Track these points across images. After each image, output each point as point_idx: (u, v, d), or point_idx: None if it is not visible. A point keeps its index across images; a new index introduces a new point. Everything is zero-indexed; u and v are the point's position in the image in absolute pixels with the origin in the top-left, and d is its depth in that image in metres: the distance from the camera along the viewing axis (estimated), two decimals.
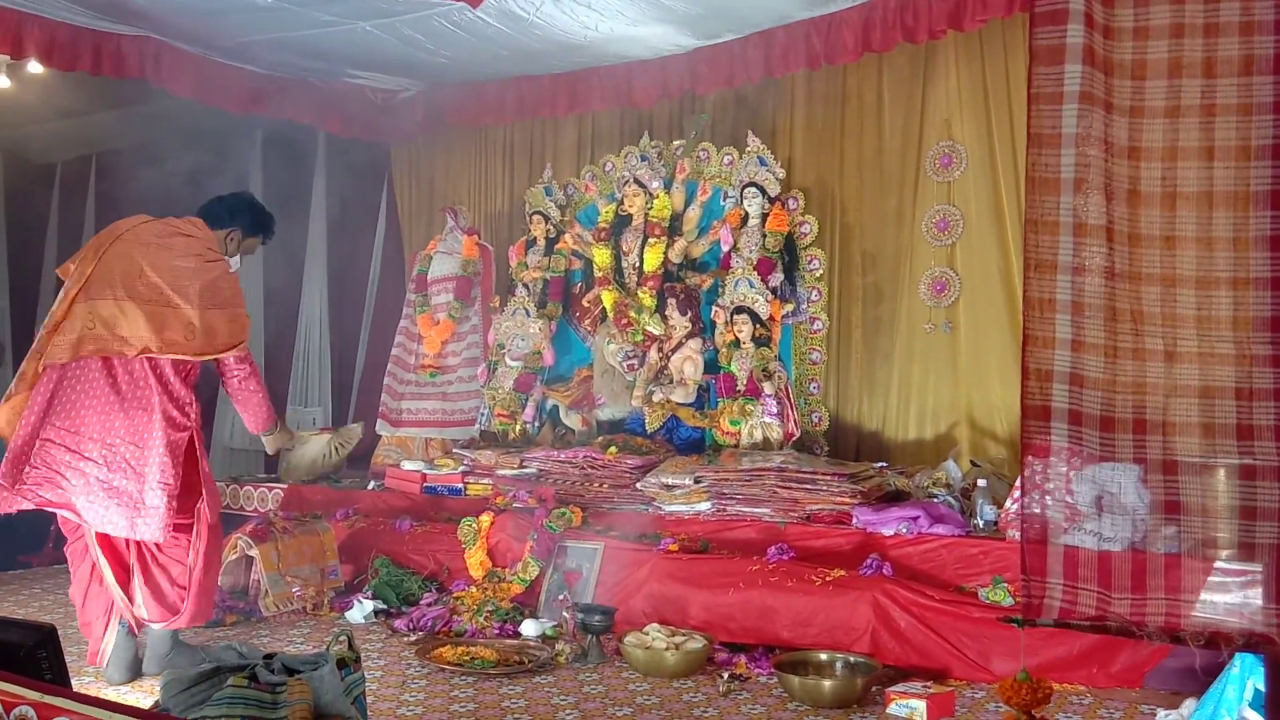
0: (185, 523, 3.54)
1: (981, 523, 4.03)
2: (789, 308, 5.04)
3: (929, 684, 3.34)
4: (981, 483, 4.19)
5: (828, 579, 3.84)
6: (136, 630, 3.57)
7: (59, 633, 2.38)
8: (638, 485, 4.67)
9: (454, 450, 5.61)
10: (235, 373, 3.65)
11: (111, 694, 3.39)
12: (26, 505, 3.48)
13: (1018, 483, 3.95)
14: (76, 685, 2.95)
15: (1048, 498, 2.05)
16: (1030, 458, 2.03)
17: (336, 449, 5.76)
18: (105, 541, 3.52)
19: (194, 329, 3.46)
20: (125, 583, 3.54)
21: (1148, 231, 2.04)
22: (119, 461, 3.42)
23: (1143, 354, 2.01)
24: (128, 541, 3.52)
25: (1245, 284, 1.98)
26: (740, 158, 5.27)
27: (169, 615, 3.54)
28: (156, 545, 3.52)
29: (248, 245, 3.84)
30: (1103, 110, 2.03)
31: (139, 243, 3.53)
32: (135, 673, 3.55)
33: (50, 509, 3.51)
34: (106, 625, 3.57)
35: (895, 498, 4.37)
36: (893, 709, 3.23)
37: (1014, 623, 1.98)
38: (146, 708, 2.42)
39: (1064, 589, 2.01)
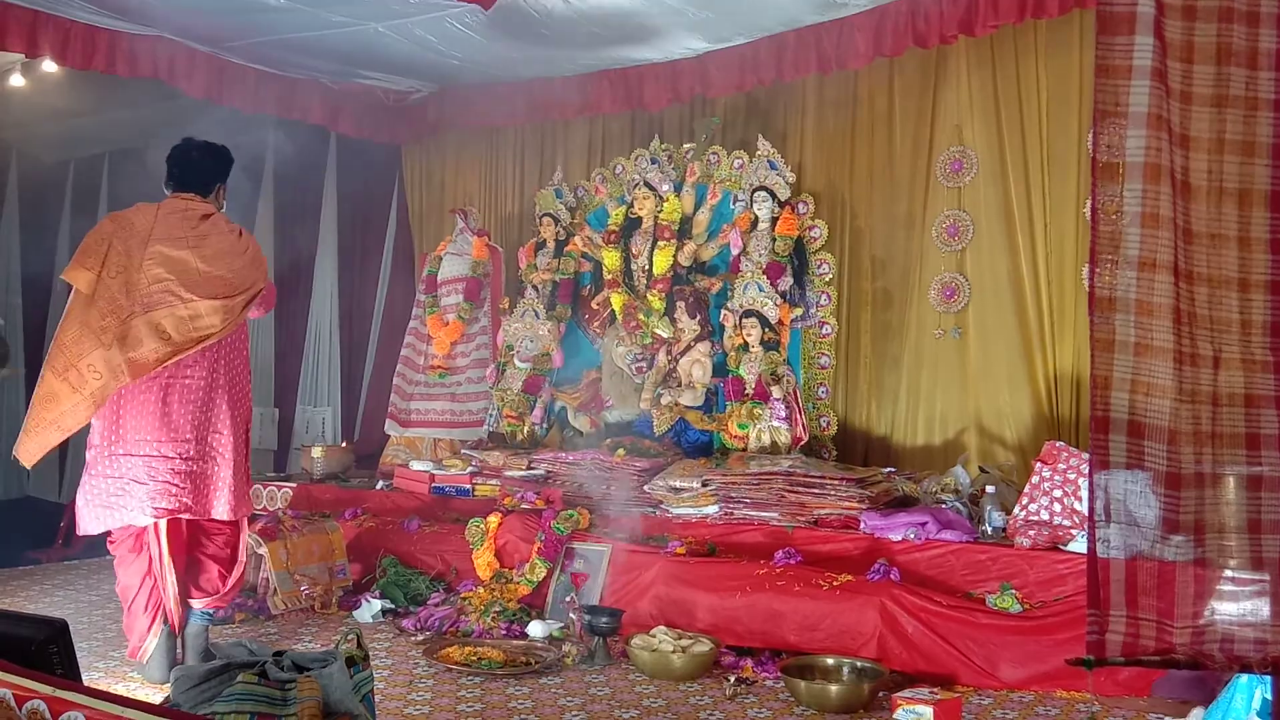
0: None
1: (990, 529, 4.02)
2: (798, 312, 5.04)
3: (936, 690, 3.33)
4: (990, 489, 4.17)
5: (835, 584, 3.84)
6: (178, 629, 3.62)
7: (70, 628, 2.40)
8: (645, 488, 4.68)
9: (462, 451, 5.62)
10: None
11: (122, 689, 3.41)
12: (128, 521, 3.54)
13: (1027, 489, 3.95)
14: (87, 680, 2.96)
15: (1109, 523, 1.92)
16: (1096, 476, 1.90)
17: None
18: (172, 532, 3.60)
19: (260, 298, 3.67)
20: (181, 572, 3.64)
21: (1197, 227, 1.90)
22: (202, 449, 3.55)
23: (1198, 359, 1.89)
24: (184, 528, 3.64)
25: None
26: (750, 161, 5.28)
27: (208, 594, 3.68)
28: (205, 532, 3.66)
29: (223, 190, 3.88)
30: (1165, 91, 1.89)
31: (173, 240, 3.56)
32: None
33: (168, 516, 3.57)
34: (151, 624, 3.59)
35: (903, 503, 4.36)
36: (899, 714, 3.22)
37: (1083, 664, 1.83)
38: (157, 703, 2.43)
39: (1126, 621, 1.88)
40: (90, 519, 3.55)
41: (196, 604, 3.67)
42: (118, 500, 3.52)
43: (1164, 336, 1.89)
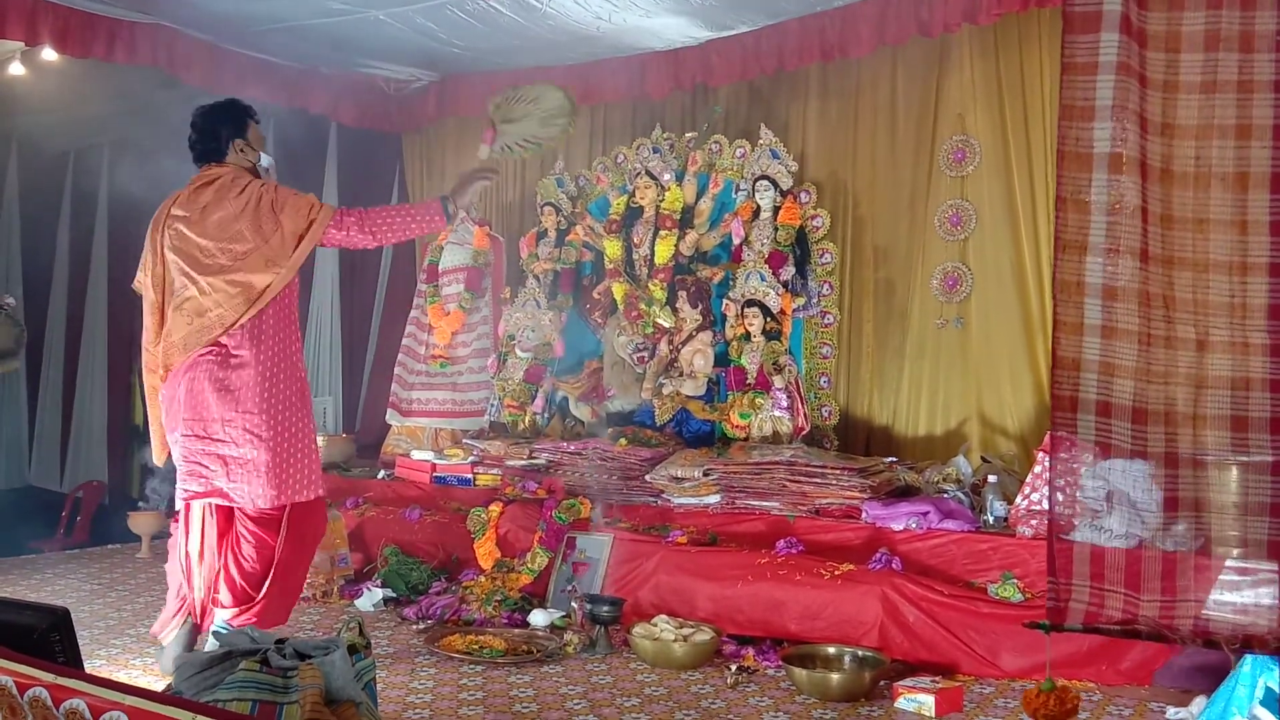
0: (274, 513, 3.43)
1: (991, 519, 4.02)
2: (800, 301, 5.03)
3: (937, 679, 3.34)
4: (992, 479, 4.17)
5: (836, 573, 3.84)
6: (201, 625, 3.48)
7: (72, 616, 2.40)
8: (647, 477, 4.67)
9: (463, 440, 5.62)
10: (346, 228, 3.48)
11: (124, 676, 3.41)
12: (179, 502, 3.48)
13: (1029, 479, 3.95)
14: (88, 668, 2.97)
15: (1075, 497, 1.96)
16: (1058, 452, 1.95)
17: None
18: (208, 522, 3.45)
19: (272, 255, 3.41)
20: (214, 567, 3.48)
21: (1180, 213, 1.93)
22: (241, 435, 3.38)
23: (1174, 342, 1.92)
24: (224, 521, 3.46)
25: None
26: (753, 150, 5.26)
27: (236, 604, 3.42)
28: (237, 535, 3.44)
29: (254, 139, 3.61)
30: (1138, 84, 1.93)
31: (178, 222, 3.47)
32: None
33: (199, 499, 3.45)
34: (178, 611, 3.49)
35: (905, 493, 4.36)
36: (900, 703, 3.23)
37: (1040, 628, 1.88)
38: (160, 690, 2.43)
39: (1090, 591, 1.91)
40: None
41: (219, 616, 3.41)
42: (182, 481, 3.51)
43: (1129, 319, 1.93)
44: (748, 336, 4.96)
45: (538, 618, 4.10)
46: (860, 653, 3.56)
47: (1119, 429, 1.93)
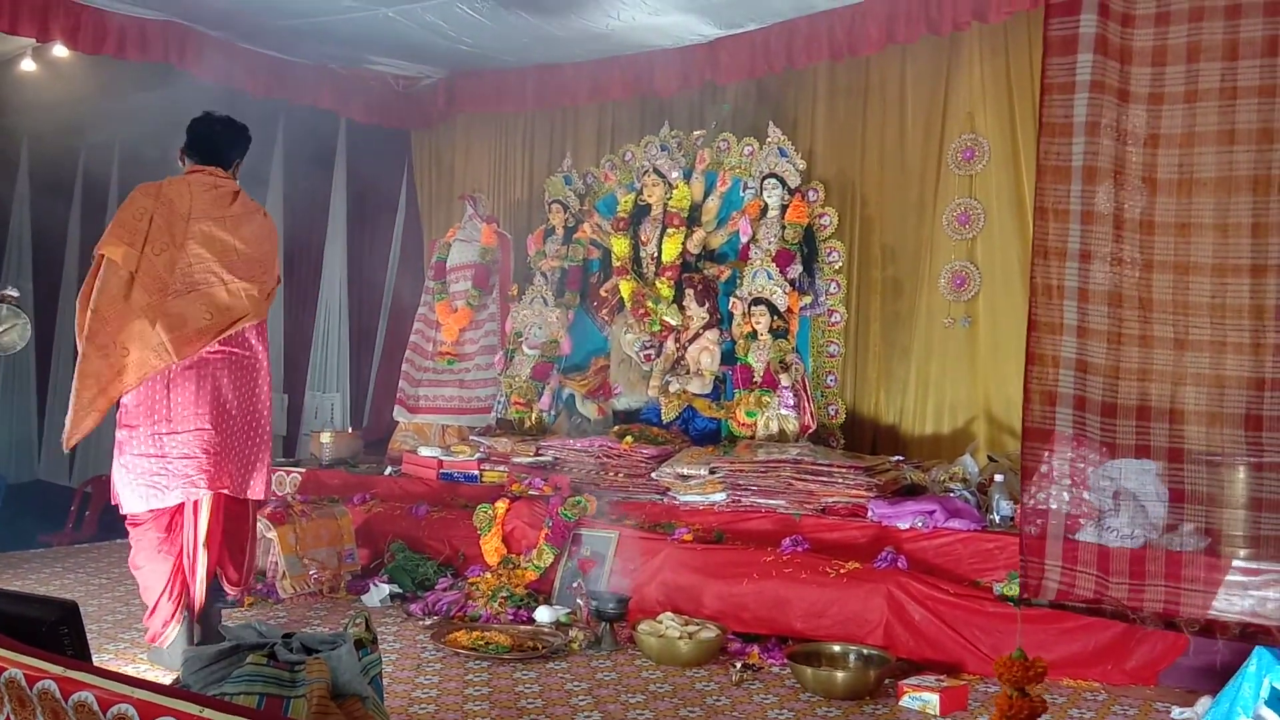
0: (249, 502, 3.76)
1: (998, 518, 4.02)
2: (807, 300, 5.03)
3: (942, 677, 3.34)
4: (998, 478, 4.17)
5: (842, 571, 3.84)
6: (198, 615, 3.62)
7: (80, 609, 2.41)
8: (653, 475, 4.68)
9: (470, 437, 5.63)
10: None
11: (132, 670, 3.43)
12: (172, 501, 3.55)
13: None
14: (97, 661, 2.98)
15: (1050, 485, 2.05)
16: (1033, 444, 2.04)
17: None
18: (216, 512, 3.60)
19: (271, 271, 3.75)
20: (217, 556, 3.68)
21: (1162, 219, 2.03)
22: (260, 429, 3.65)
23: (1150, 341, 2.02)
24: (225, 508, 3.65)
25: (1264, 271, 1.96)
26: (761, 149, 5.26)
27: (240, 579, 3.77)
28: (230, 515, 3.66)
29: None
30: (1116, 99, 2.04)
31: (212, 219, 3.60)
32: None
33: (209, 490, 3.56)
34: (175, 612, 3.56)
35: (911, 491, 4.36)
36: (905, 701, 3.23)
37: (1010, 601, 1.97)
38: (167, 684, 2.44)
39: (1062, 571, 2.02)
40: (134, 498, 3.55)
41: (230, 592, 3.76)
42: (161, 480, 3.52)
43: (1100, 320, 2.04)
44: (754, 335, 4.95)
45: (543, 614, 4.11)
46: (865, 651, 3.56)
47: (1090, 421, 2.03)
